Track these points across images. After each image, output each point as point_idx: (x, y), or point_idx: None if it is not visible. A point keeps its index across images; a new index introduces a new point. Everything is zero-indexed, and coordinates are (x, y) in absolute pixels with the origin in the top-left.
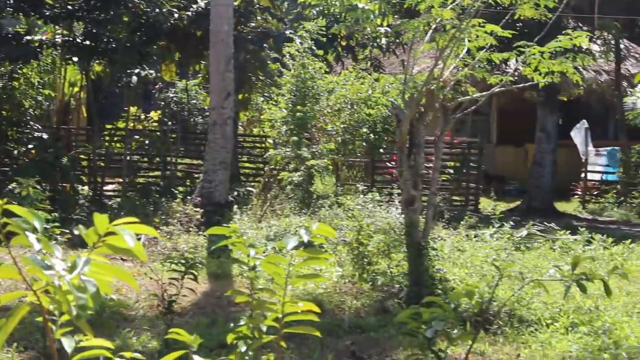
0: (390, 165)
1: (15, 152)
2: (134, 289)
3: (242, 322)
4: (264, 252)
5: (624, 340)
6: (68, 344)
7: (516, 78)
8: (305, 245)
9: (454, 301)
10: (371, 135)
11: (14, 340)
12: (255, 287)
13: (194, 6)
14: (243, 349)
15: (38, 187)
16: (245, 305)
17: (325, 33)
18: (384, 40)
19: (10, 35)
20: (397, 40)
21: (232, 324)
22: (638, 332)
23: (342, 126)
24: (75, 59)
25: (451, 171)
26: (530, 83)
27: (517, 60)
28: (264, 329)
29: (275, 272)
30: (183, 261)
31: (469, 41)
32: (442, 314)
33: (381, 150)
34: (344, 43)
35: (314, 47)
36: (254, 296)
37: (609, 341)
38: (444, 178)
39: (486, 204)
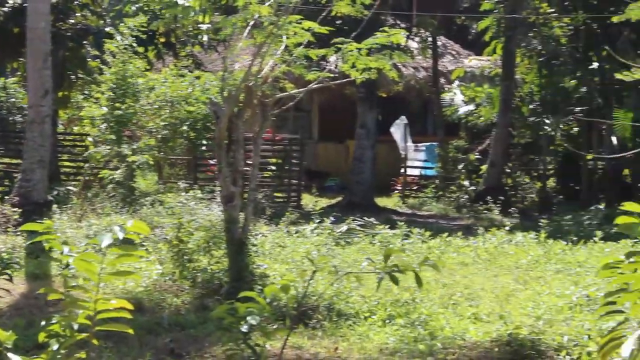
0: (212, 162)
1: None
2: None
3: (54, 321)
4: (83, 250)
5: (440, 331)
6: None
7: (336, 75)
8: (123, 242)
9: (270, 296)
10: (192, 132)
11: None
12: (68, 284)
13: (10, 2)
14: (55, 347)
15: None
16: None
17: (145, 30)
18: (205, 38)
19: None
20: (218, 38)
21: (43, 322)
22: (453, 323)
23: (162, 124)
24: None
25: (273, 168)
26: (348, 79)
27: (335, 57)
28: (76, 326)
29: (88, 269)
30: None
31: (287, 38)
32: (258, 309)
33: (203, 148)
34: (163, 40)
35: (134, 45)
36: (68, 294)
37: (424, 332)
38: (266, 175)
39: (308, 200)
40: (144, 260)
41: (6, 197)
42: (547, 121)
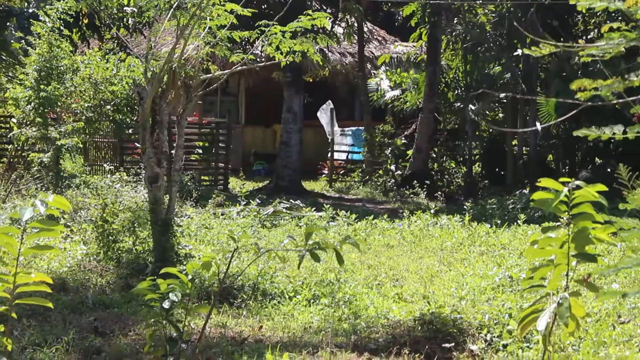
0: (138, 145)
1: None
2: None
3: None
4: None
5: (364, 311)
6: None
7: (262, 59)
8: (45, 220)
9: (191, 273)
10: (116, 114)
11: None
12: None
13: None
14: None
15: None
16: None
17: (70, 12)
18: (130, 21)
19: None
20: (143, 20)
21: None
22: (377, 303)
23: (86, 105)
24: None
25: (200, 151)
26: (272, 62)
27: (260, 41)
28: None
29: (8, 242)
30: None
31: (210, 20)
32: (180, 286)
33: (129, 130)
34: (86, 21)
35: (62, 27)
36: None
37: (348, 312)
38: (193, 158)
39: (235, 184)
40: (68, 241)
41: None
42: (472, 107)
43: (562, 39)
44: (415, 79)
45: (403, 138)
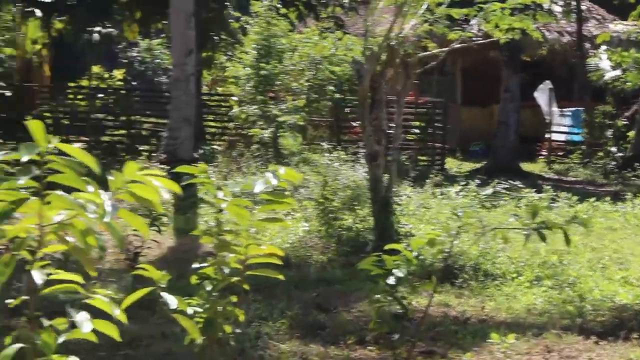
0: (355, 125)
1: None
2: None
3: (206, 264)
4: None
5: (588, 294)
6: (39, 276)
7: (479, 37)
8: (273, 191)
9: (416, 249)
10: (337, 94)
11: None
12: (221, 228)
13: None
14: (208, 288)
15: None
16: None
17: None
18: None
19: None
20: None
21: (196, 265)
22: (602, 286)
23: (307, 84)
24: (37, 14)
25: (417, 131)
26: (491, 39)
27: (477, 19)
28: (227, 270)
29: (240, 214)
30: (147, 213)
31: None
32: (405, 262)
33: (347, 110)
34: (304, 0)
35: (278, 5)
36: (220, 238)
37: (573, 294)
38: (410, 138)
39: (452, 164)
40: (289, 218)
41: (153, 155)
42: None
43: None
44: (637, 58)
45: (624, 119)
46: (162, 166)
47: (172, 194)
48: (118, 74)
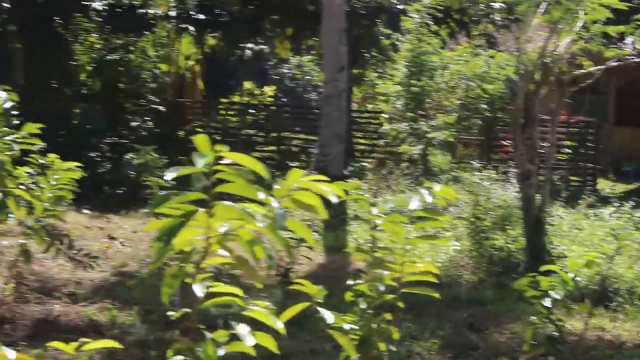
0: (506, 144)
1: (133, 124)
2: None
3: (361, 281)
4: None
5: None
6: (199, 289)
7: (634, 55)
8: (427, 209)
9: (573, 271)
10: (487, 112)
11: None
12: (376, 244)
13: None
14: (363, 305)
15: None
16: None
17: (438, 8)
18: (497, 16)
19: (124, 8)
20: (511, 17)
21: (350, 282)
22: None
23: (458, 102)
24: (189, 30)
25: (568, 150)
26: None
27: (633, 37)
28: (382, 288)
29: (395, 231)
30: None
31: (584, 14)
32: (561, 284)
33: (497, 128)
34: (457, 17)
35: (429, 22)
36: (374, 255)
37: None
38: (561, 157)
39: (604, 185)
40: (440, 237)
41: (303, 171)
42: None
43: None
44: None
45: None
46: None
47: (325, 210)
48: (269, 90)
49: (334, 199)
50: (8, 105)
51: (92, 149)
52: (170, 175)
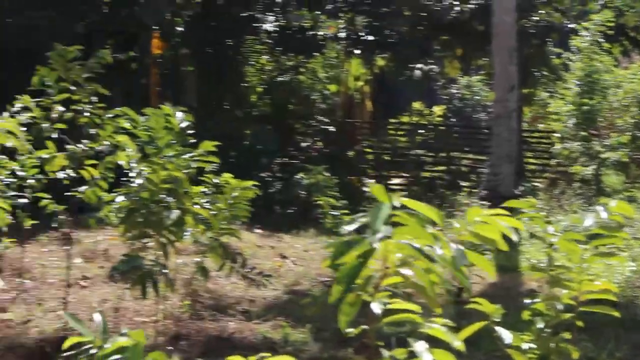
0: None
1: (303, 144)
2: None
3: (538, 300)
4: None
5: None
6: (377, 307)
7: None
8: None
9: None
10: None
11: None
12: (553, 263)
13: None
14: (540, 325)
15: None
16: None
17: (610, 26)
18: None
19: (295, 30)
20: None
21: (527, 300)
22: None
23: (632, 121)
24: (358, 52)
25: None
26: None
27: None
28: (560, 307)
29: (571, 249)
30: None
31: None
32: None
33: None
34: (632, 34)
35: (600, 40)
36: (551, 274)
37: None
38: None
39: None
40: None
41: (473, 191)
42: None
43: None
44: None
45: None
46: (483, 202)
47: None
48: (438, 110)
49: (515, 237)
50: (184, 125)
51: (263, 169)
52: (351, 227)
